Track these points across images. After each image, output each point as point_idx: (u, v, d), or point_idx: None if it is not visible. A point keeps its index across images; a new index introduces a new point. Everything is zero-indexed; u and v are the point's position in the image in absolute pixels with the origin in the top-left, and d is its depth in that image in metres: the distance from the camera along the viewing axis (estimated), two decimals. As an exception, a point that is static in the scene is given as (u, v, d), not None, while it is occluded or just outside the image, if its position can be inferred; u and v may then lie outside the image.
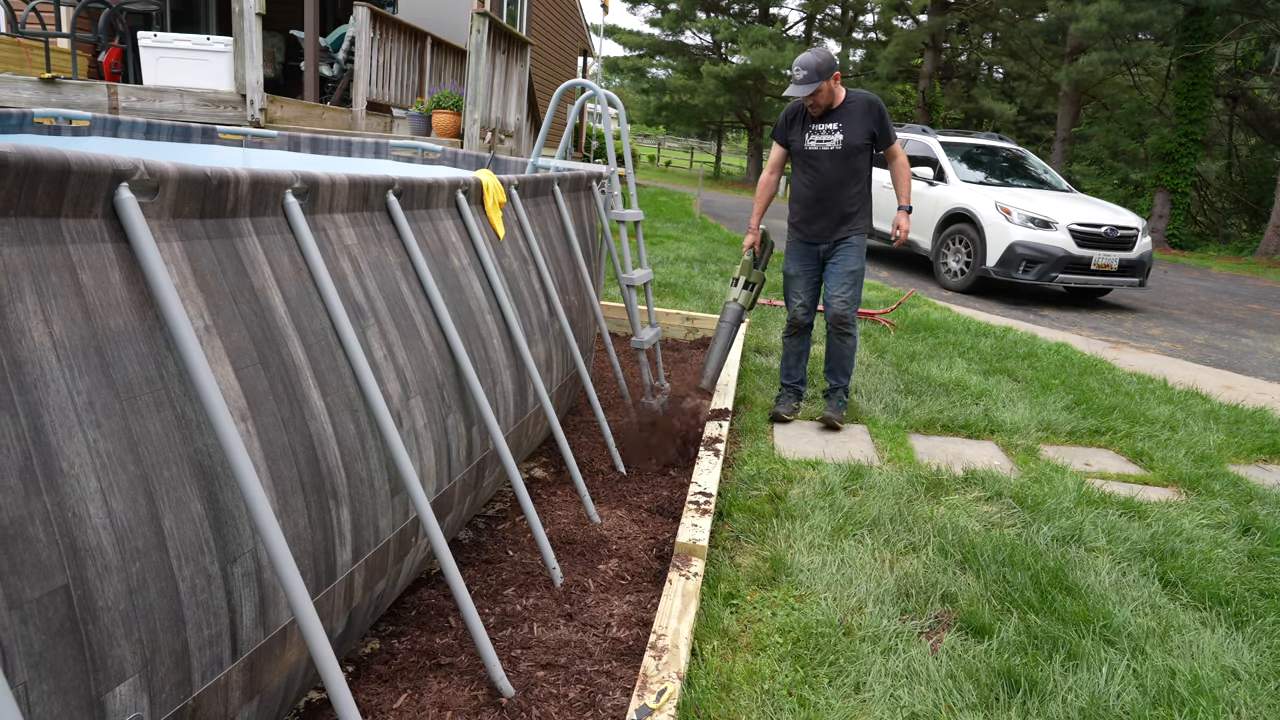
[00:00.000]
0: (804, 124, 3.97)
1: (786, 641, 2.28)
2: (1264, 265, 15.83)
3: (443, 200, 2.43)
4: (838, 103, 3.89)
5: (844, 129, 3.87)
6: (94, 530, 1.09)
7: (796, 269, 4.13)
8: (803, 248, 4.11)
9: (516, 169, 4.50)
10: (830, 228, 3.99)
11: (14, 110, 3.77)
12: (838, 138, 3.88)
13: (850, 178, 3.92)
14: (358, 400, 1.76)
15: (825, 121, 3.90)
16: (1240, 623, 2.54)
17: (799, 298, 4.13)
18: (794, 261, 4.14)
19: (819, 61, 3.74)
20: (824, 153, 3.91)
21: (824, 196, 3.95)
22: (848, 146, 3.87)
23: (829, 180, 3.93)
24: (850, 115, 3.87)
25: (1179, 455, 4.00)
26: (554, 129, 17.75)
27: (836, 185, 3.92)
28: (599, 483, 3.27)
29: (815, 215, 4.00)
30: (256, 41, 6.24)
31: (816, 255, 4.07)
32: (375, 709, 1.87)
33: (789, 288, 4.17)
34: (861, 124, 3.85)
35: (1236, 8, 16.65)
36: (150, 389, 1.23)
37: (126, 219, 1.22)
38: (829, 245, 4.03)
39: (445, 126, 7.03)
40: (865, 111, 3.86)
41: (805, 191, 4.02)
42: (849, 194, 3.95)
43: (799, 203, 4.07)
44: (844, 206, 3.95)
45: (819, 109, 3.87)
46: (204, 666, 1.28)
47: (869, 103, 3.88)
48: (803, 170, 4.02)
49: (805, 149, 3.96)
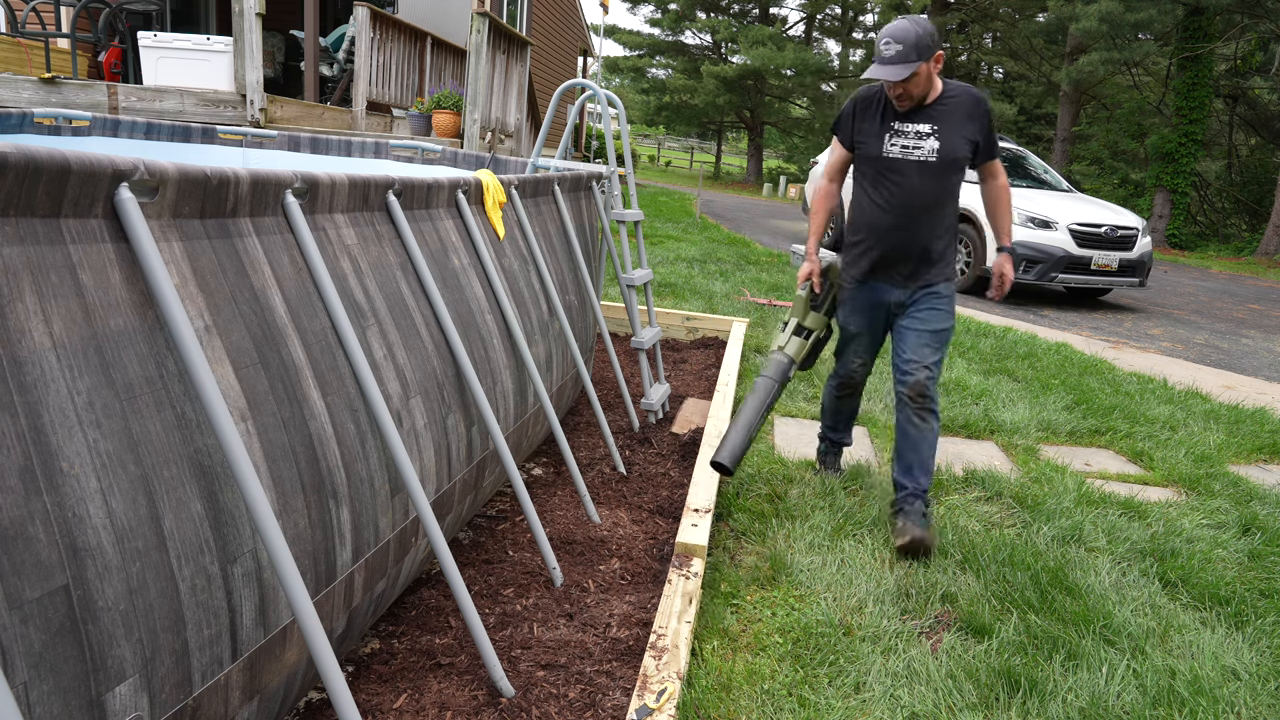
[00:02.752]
0: (883, 119, 2.88)
1: (786, 641, 2.28)
2: (1264, 265, 15.83)
3: (443, 200, 2.43)
4: (934, 96, 2.82)
5: (940, 133, 2.80)
6: (94, 530, 1.09)
7: (860, 325, 3.09)
8: (866, 297, 3.03)
9: (516, 169, 4.50)
10: (911, 270, 2.92)
11: (14, 110, 3.77)
12: (931, 145, 2.80)
13: (943, 201, 2.86)
14: (358, 400, 1.76)
15: (914, 120, 2.83)
16: (1240, 623, 2.54)
17: (859, 358, 3.17)
18: (855, 314, 3.09)
19: (919, 34, 2.65)
20: (911, 164, 2.83)
21: (905, 225, 2.86)
22: (945, 158, 2.80)
23: (915, 202, 2.84)
24: (949, 115, 2.81)
25: (1179, 455, 4.00)
26: (554, 129, 17.76)
27: (924, 211, 2.85)
28: (599, 483, 3.27)
29: (890, 251, 2.91)
30: (256, 41, 6.24)
31: (886, 308, 3.01)
32: (375, 709, 1.87)
33: (845, 342, 3.18)
34: (964, 128, 2.80)
35: (1236, 8, 16.65)
36: (150, 389, 1.23)
37: (126, 219, 1.22)
38: (906, 295, 2.96)
39: (445, 126, 7.03)
40: (970, 112, 2.81)
41: (878, 216, 2.91)
42: (940, 224, 2.88)
43: (866, 232, 2.96)
44: (932, 241, 2.88)
45: (909, 101, 2.79)
46: (204, 666, 1.28)
47: (974, 101, 2.82)
48: (875, 186, 2.91)
49: (884, 155, 2.86)
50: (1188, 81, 18.00)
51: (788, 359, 3.13)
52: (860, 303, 3.06)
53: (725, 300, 7.08)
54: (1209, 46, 17.37)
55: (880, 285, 2.99)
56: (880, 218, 2.91)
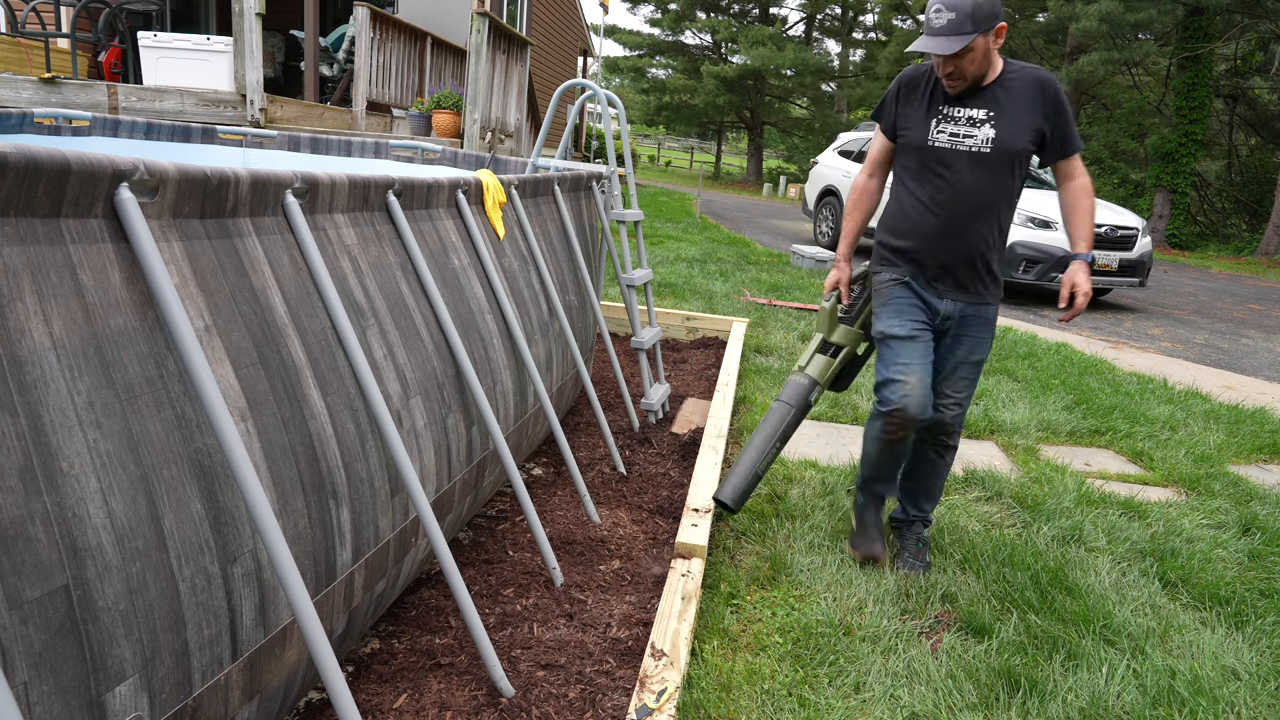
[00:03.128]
0: (930, 102, 2.49)
1: (786, 641, 2.28)
2: (1264, 265, 15.83)
3: (443, 200, 2.43)
4: (992, 76, 2.43)
5: (998, 120, 2.41)
6: (94, 530, 1.10)
7: (903, 325, 2.55)
8: (912, 294, 2.59)
9: (516, 169, 4.50)
10: (962, 279, 2.54)
11: (14, 110, 3.77)
12: (986, 133, 2.41)
13: (997, 202, 2.46)
14: (358, 400, 1.76)
15: (968, 104, 2.44)
16: (1240, 623, 2.54)
17: (911, 373, 2.50)
18: (897, 314, 2.58)
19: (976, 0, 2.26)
20: (962, 155, 2.43)
21: (954, 228, 2.48)
22: (1001, 149, 2.40)
23: (966, 201, 2.45)
24: (1009, 100, 2.41)
25: (1179, 455, 4.00)
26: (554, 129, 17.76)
27: (974, 213, 2.46)
28: (599, 483, 3.27)
29: (936, 259, 2.53)
30: (256, 41, 6.24)
31: (934, 311, 2.58)
32: (375, 709, 1.87)
33: (888, 357, 2.56)
34: (1027, 116, 2.41)
35: (1236, 8, 16.66)
36: (150, 389, 1.23)
37: (126, 219, 1.22)
38: (954, 310, 2.56)
39: (445, 126, 7.03)
40: (1035, 97, 2.41)
41: (922, 217, 2.52)
42: (992, 228, 2.49)
43: (908, 235, 2.57)
44: (983, 248, 2.49)
45: (962, 82, 2.39)
46: (204, 666, 1.28)
47: (1040, 84, 2.41)
48: (918, 180, 2.53)
49: (931, 144, 2.48)
50: (1188, 81, 18.00)
51: (809, 380, 2.68)
52: (906, 300, 2.59)
53: (725, 300, 7.08)
54: (1209, 46, 17.38)
55: (930, 283, 2.57)
56: (924, 218, 2.51)
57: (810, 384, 2.70)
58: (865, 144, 11.56)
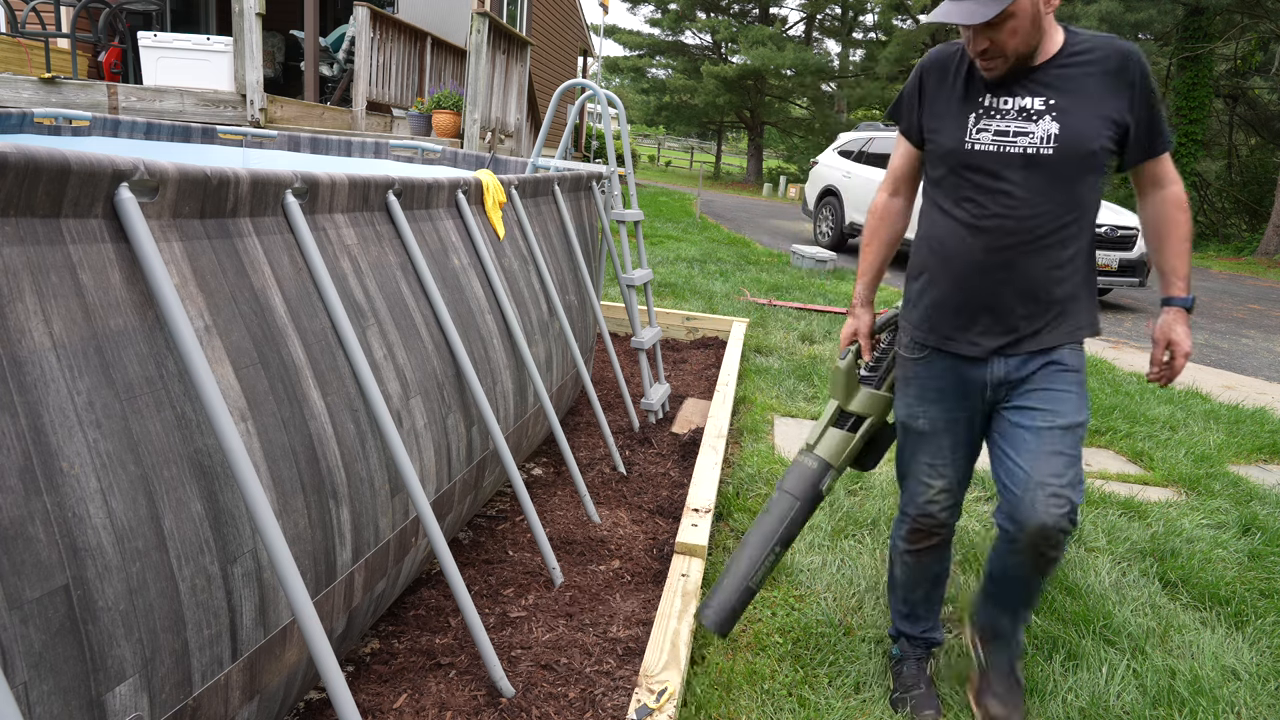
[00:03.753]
0: (966, 91, 1.84)
1: (786, 641, 2.28)
2: (1264, 265, 15.83)
3: (443, 200, 2.43)
4: (1050, 51, 1.78)
5: (1061, 109, 1.75)
6: (94, 530, 1.10)
7: (931, 412, 1.97)
8: (945, 367, 1.93)
9: (516, 169, 4.50)
10: (1017, 325, 1.84)
11: (14, 110, 3.77)
12: (1047, 127, 1.75)
13: (1065, 220, 1.78)
14: (358, 400, 1.76)
15: (1018, 91, 1.78)
16: (1240, 623, 2.54)
17: (938, 477, 1.99)
18: (925, 400, 1.97)
19: None
20: (1014, 159, 1.77)
21: (1005, 260, 1.80)
22: (1069, 148, 1.75)
23: (1022, 224, 1.78)
24: (1078, 81, 1.76)
25: (1179, 455, 4.00)
26: (554, 129, 17.76)
27: (1037, 239, 1.78)
28: (599, 483, 3.27)
29: (977, 297, 1.85)
30: (256, 41, 6.24)
31: (979, 386, 1.90)
32: (375, 709, 1.87)
33: (910, 450, 2.03)
34: (1102, 102, 1.75)
35: (1236, 8, 16.66)
36: (150, 389, 1.23)
37: (126, 219, 1.22)
38: (1010, 368, 1.86)
39: (445, 126, 7.04)
40: (1112, 77, 1.75)
41: (958, 244, 1.85)
42: (1059, 253, 1.80)
43: (939, 272, 1.90)
44: (1047, 283, 1.81)
45: (1002, 62, 1.74)
46: (204, 666, 1.28)
47: (1122, 57, 1.75)
48: (953, 196, 1.86)
49: (968, 146, 1.81)
50: (1188, 81, 18.01)
51: (819, 464, 2.06)
52: (931, 380, 1.95)
53: (725, 300, 7.08)
54: (1209, 46, 17.38)
55: (965, 347, 1.88)
56: (961, 251, 1.83)
57: (821, 469, 2.05)
58: (865, 144, 11.55)
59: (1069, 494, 1.74)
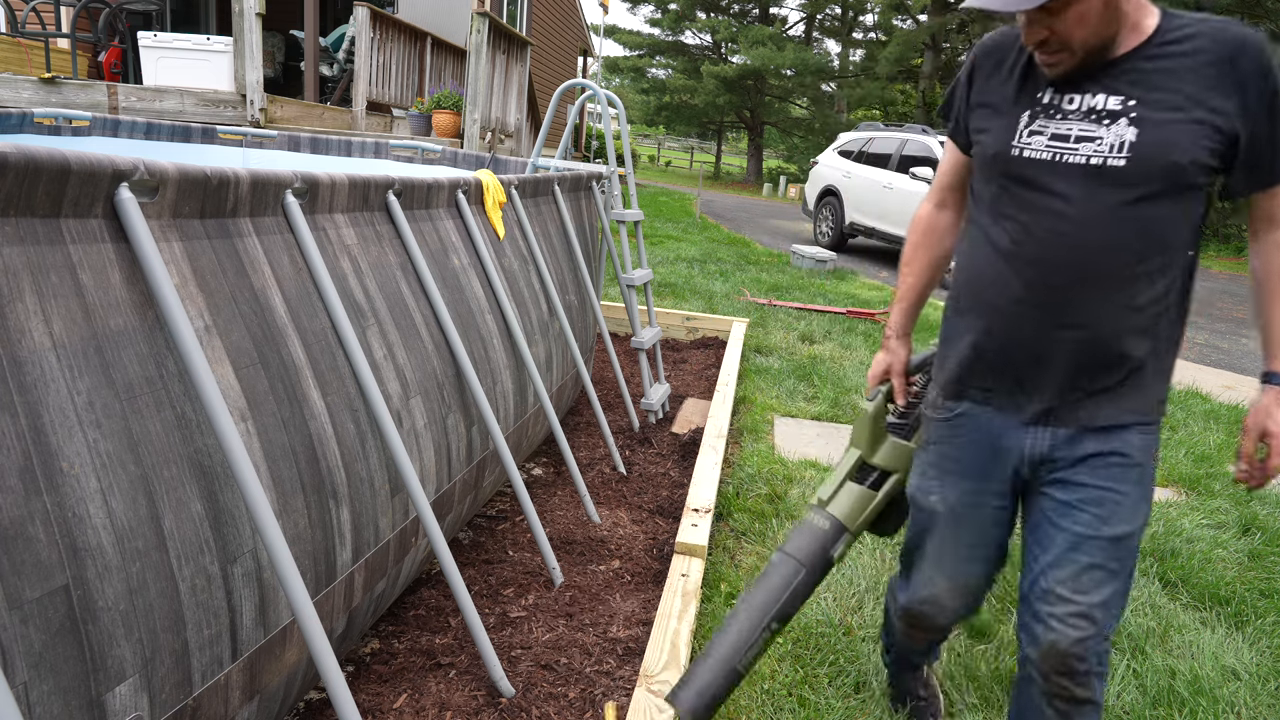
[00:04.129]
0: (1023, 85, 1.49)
1: (786, 641, 2.28)
2: (1264, 265, 15.82)
3: (443, 200, 2.43)
4: (1133, 41, 1.39)
5: (1142, 110, 1.36)
6: (94, 530, 1.10)
7: (946, 489, 1.62)
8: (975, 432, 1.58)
9: (516, 169, 4.50)
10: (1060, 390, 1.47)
11: (14, 110, 3.77)
12: (1121, 132, 1.37)
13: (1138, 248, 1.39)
14: (358, 400, 1.76)
15: (1087, 87, 1.41)
16: (1240, 623, 2.54)
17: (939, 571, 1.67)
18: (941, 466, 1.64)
19: None
20: (1073, 171, 1.40)
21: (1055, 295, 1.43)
22: (1147, 160, 1.36)
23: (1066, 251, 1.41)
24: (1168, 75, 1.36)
25: (1179, 455, 4.00)
26: (554, 129, 17.76)
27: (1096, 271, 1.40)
28: (599, 483, 3.27)
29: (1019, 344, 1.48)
30: (256, 41, 6.24)
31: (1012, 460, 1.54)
32: (375, 709, 1.87)
33: (917, 528, 1.71)
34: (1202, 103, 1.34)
35: (1236, 8, 16.66)
36: (150, 389, 1.23)
37: (126, 219, 1.22)
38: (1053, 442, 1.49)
39: (445, 126, 7.04)
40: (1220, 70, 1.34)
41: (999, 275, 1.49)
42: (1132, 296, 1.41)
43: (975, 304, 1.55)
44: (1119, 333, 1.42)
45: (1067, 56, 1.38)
46: (204, 666, 1.28)
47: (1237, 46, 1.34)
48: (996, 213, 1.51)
49: (1015, 152, 1.46)
50: (1187, 81, 18.00)
51: (832, 525, 1.72)
52: (954, 447, 1.61)
53: (725, 300, 7.08)
54: (1209, 46, 17.37)
55: (996, 414, 1.54)
56: (1000, 280, 1.48)
57: (835, 531, 1.71)
58: (865, 144, 11.53)
59: (1097, 614, 1.40)
